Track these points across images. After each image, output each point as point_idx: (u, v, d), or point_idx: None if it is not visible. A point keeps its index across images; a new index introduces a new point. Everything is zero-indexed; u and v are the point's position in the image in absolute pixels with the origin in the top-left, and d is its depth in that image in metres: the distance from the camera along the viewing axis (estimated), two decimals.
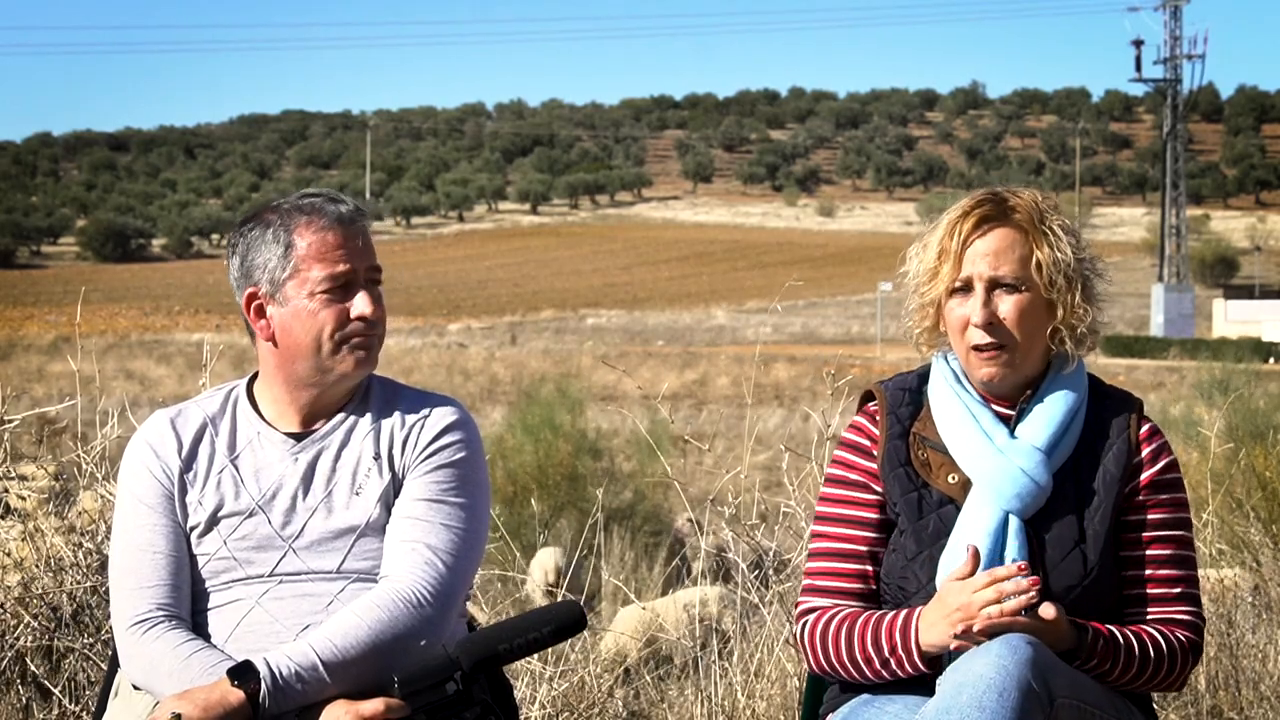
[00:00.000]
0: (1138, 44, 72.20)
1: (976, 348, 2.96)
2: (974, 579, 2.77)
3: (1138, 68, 72.64)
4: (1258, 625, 5.73)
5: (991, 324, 2.94)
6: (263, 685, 2.68)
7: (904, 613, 2.88)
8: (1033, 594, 2.73)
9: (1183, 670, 2.92)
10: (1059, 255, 2.95)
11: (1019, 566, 2.76)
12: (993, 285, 2.95)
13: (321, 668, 2.72)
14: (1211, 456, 7.03)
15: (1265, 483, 8.42)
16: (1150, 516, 2.97)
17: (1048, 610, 2.75)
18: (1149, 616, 2.94)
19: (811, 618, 2.99)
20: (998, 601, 2.74)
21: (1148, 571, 2.95)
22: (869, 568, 2.99)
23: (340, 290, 2.90)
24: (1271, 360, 48.97)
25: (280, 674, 2.69)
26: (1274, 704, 5.15)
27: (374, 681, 2.73)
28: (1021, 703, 2.61)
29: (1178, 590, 2.96)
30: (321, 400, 2.96)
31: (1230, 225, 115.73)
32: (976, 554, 2.80)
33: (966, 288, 2.96)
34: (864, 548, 3.00)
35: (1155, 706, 3.12)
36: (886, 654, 2.88)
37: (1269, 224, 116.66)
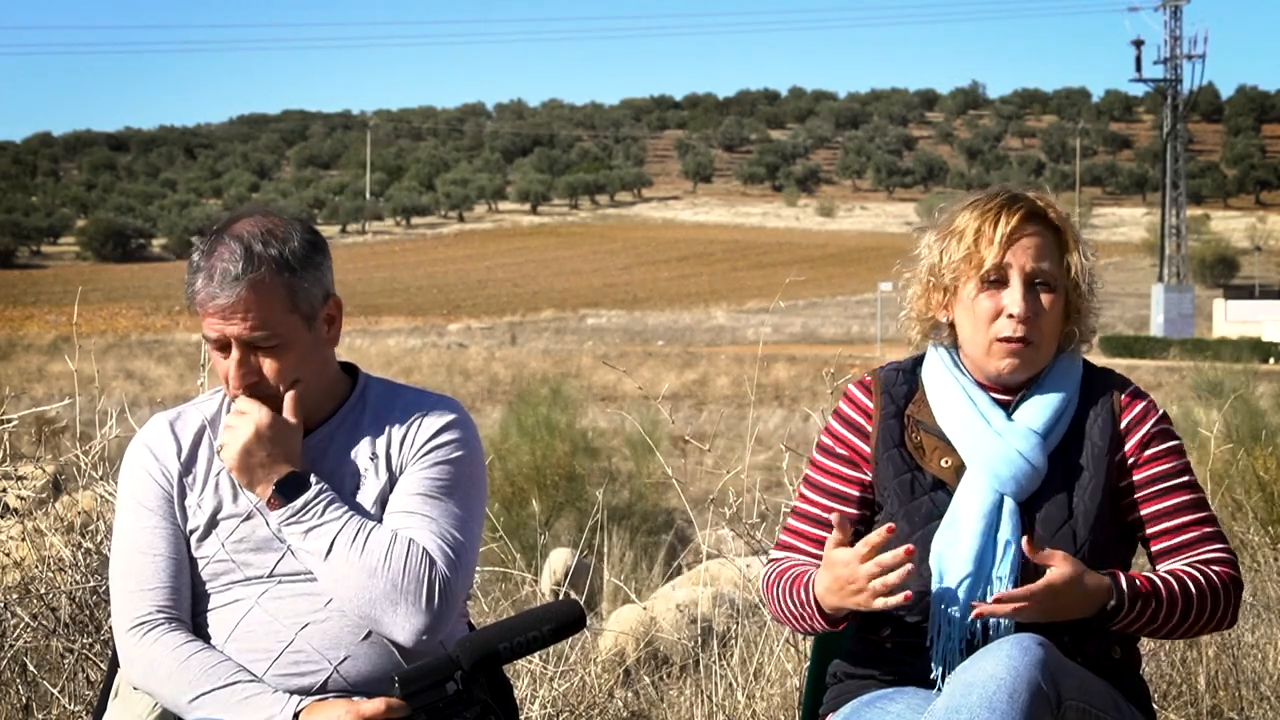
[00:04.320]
0: (1138, 44, 72.19)
1: (1005, 339, 2.97)
2: (854, 550, 2.79)
3: (1138, 68, 72.64)
4: (1257, 625, 5.74)
5: (1028, 317, 2.96)
6: (301, 498, 2.83)
7: (809, 573, 2.93)
8: (908, 566, 2.74)
9: (1228, 605, 2.91)
10: (1084, 261, 3.01)
11: (907, 552, 2.75)
12: (1030, 280, 2.97)
13: (339, 539, 2.81)
14: (1211, 458, 7.04)
15: (1264, 484, 8.43)
16: (1151, 471, 2.97)
17: (1060, 567, 2.73)
18: (1180, 565, 2.93)
19: (772, 569, 3.07)
20: (883, 573, 2.76)
21: (1166, 524, 2.95)
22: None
23: (220, 349, 2.87)
24: (1272, 360, 48.98)
25: (318, 500, 2.83)
26: (1274, 704, 5.15)
27: (352, 598, 2.80)
28: (1031, 704, 2.62)
29: (1198, 533, 2.95)
30: (314, 407, 2.96)
31: (1230, 225, 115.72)
32: (843, 521, 2.83)
33: (1001, 280, 2.98)
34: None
35: (1155, 707, 3.12)
36: (800, 609, 2.95)
37: (1269, 224, 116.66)
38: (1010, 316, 2.96)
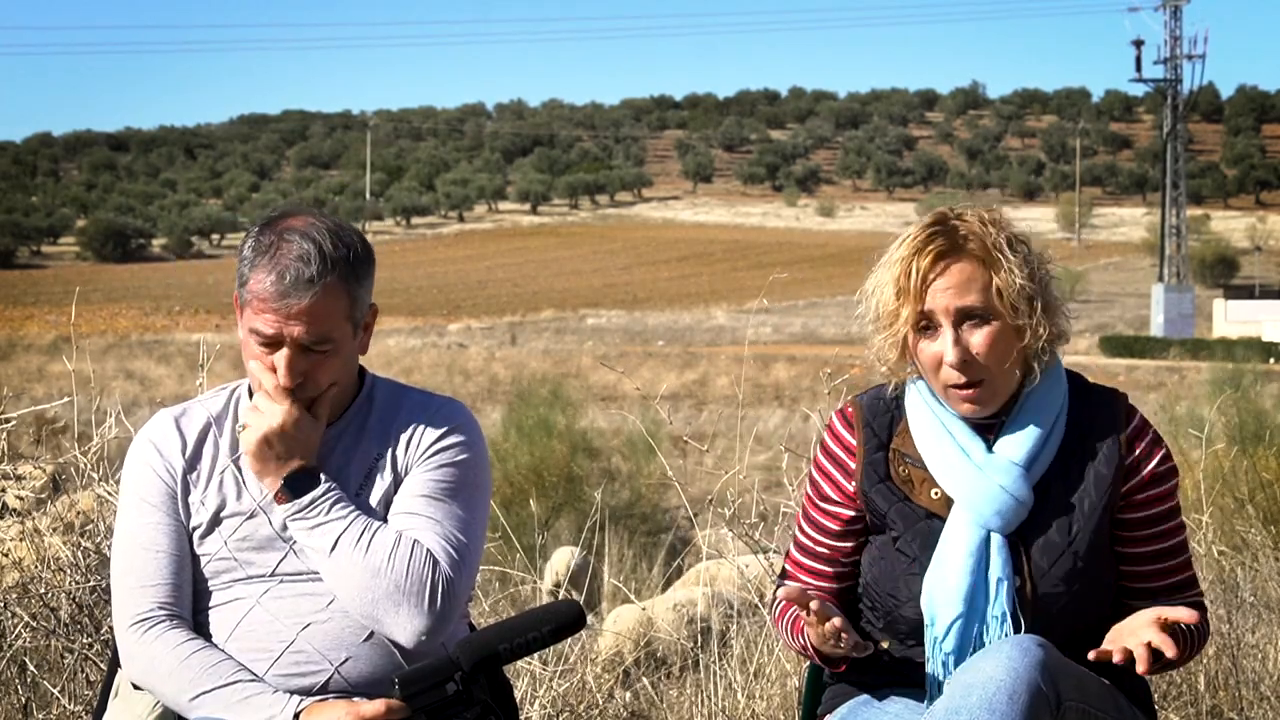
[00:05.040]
0: (1138, 44, 72.19)
1: (954, 386, 2.91)
2: (813, 623, 2.84)
3: (1138, 68, 72.64)
4: (1258, 625, 5.73)
5: (966, 361, 2.88)
6: (309, 494, 2.83)
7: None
8: (843, 636, 2.81)
9: (1200, 649, 2.98)
10: (1016, 279, 2.88)
11: (832, 627, 2.81)
12: (960, 319, 2.89)
13: (344, 537, 2.81)
14: (1212, 456, 7.02)
15: (1266, 483, 8.42)
16: (1152, 511, 2.96)
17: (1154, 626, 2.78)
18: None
19: (776, 603, 3.11)
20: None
21: (1154, 566, 2.96)
22: (831, 569, 3.06)
23: (268, 344, 2.85)
24: (1272, 360, 48.98)
25: (325, 498, 2.84)
26: (1274, 704, 5.14)
27: (354, 594, 2.81)
28: (1031, 705, 2.61)
29: (1181, 577, 2.99)
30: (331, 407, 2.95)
31: (1230, 225, 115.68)
32: (804, 594, 2.87)
33: (931, 325, 2.90)
34: (827, 552, 3.06)
35: (1155, 707, 3.12)
36: (803, 650, 3.01)
37: (1269, 224, 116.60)
38: (950, 365, 2.89)
